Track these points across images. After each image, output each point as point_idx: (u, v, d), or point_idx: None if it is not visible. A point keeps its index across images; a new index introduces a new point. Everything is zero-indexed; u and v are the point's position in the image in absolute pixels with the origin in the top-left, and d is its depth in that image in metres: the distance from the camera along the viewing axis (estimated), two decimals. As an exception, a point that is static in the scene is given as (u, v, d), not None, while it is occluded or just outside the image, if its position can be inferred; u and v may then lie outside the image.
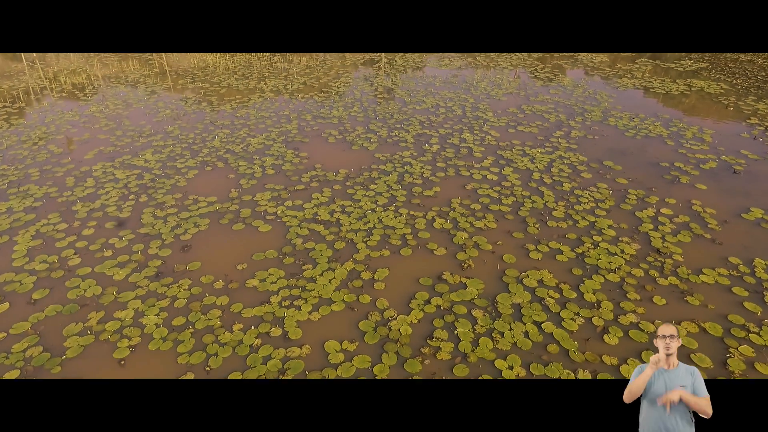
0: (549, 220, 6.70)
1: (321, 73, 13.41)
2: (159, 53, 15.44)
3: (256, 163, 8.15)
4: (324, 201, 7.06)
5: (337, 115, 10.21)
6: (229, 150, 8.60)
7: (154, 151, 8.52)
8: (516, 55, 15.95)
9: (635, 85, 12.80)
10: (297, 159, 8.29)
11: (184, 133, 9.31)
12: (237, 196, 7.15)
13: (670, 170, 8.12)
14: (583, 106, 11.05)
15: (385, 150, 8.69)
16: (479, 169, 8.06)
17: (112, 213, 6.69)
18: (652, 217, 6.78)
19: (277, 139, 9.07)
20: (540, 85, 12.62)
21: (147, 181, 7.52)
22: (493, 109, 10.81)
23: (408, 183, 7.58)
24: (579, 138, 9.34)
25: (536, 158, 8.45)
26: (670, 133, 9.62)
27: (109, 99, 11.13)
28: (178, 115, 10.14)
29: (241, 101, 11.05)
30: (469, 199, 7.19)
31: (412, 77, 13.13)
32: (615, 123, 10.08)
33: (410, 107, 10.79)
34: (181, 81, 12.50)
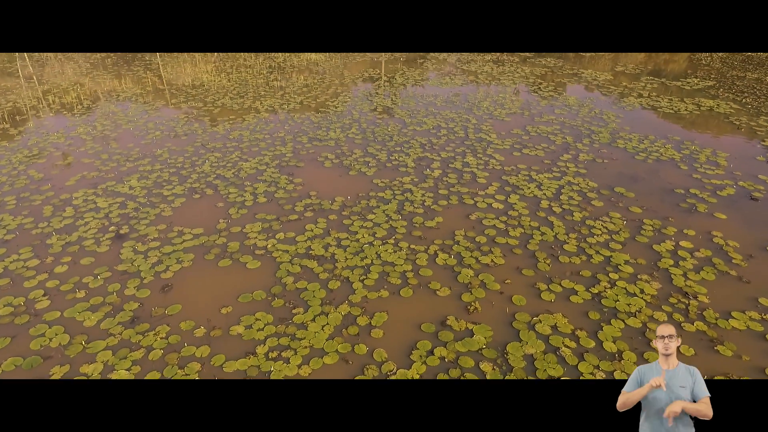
0: (560, 255, 6.21)
1: (319, 92, 13.04)
2: (153, 70, 15.10)
3: (248, 190, 7.69)
4: (318, 233, 6.58)
5: (334, 137, 9.79)
6: (220, 175, 8.15)
7: (140, 176, 8.06)
8: (518, 71, 15.61)
9: (642, 105, 12.41)
10: (291, 185, 7.83)
11: (173, 156, 8.86)
12: (225, 228, 6.68)
13: (685, 197, 7.66)
14: (590, 127, 10.64)
15: (385, 175, 8.24)
16: (484, 196, 7.60)
17: (89, 247, 6.20)
18: (671, 251, 6.30)
19: (271, 163, 8.63)
20: (544, 104, 12.24)
21: (130, 211, 7.05)
22: (497, 130, 10.40)
23: (408, 212, 7.11)
24: (587, 162, 8.90)
25: (544, 184, 8.00)
26: (683, 156, 9.19)
27: (98, 119, 10.72)
28: (168, 137, 9.71)
29: (235, 122, 10.64)
30: (474, 230, 6.71)
31: (412, 96, 12.75)
32: (624, 145, 9.66)
33: (410, 128, 10.38)
34: (174, 100, 12.12)
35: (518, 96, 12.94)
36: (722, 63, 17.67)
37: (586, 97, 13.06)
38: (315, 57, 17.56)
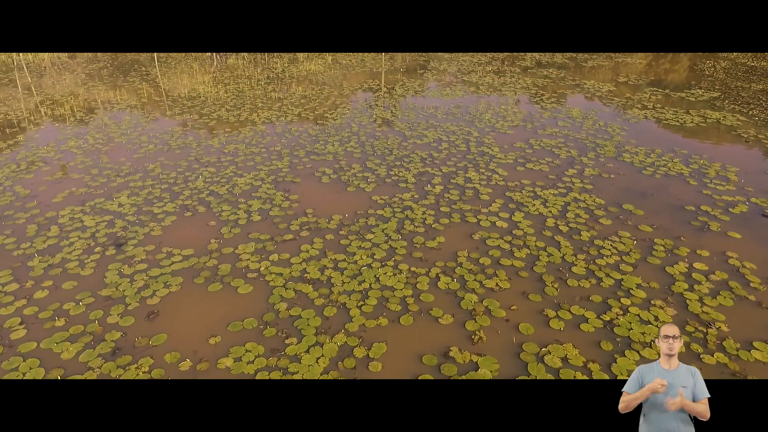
0: (569, 278, 5.90)
1: (317, 104, 12.79)
2: (149, 81, 14.89)
3: (242, 207, 7.39)
4: (314, 254, 6.27)
5: (332, 151, 9.51)
6: (213, 192, 7.86)
7: (130, 193, 7.77)
8: (519, 82, 15.40)
9: (647, 116, 12.17)
10: (287, 203, 7.54)
11: (166, 171, 8.58)
12: (216, 249, 6.37)
13: (696, 215, 7.37)
14: (594, 140, 10.37)
15: (384, 191, 7.95)
16: (487, 214, 7.30)
17: (72, 270, 5.89)
18: (685, 274, 5.99)
19: (266, 178, 8.34)
20: (547, 116, 11.99)
21: (118, 230, 6.75)
22: (499, 143, 10.13)
23: (409, 232, 6.81)
24: (593, 177, 8.61)
25: (549, 201, 7.71)
26: (692, 171, 8.91)
27: (91, 132, 10.46)
28: (161, 151, 9.44)
29: (231, 135, 10.38)
30: (478, 251, 6.41)
31: (412, 108, 12.51)
32: (630, 159, 9.38)
33: (411, 141, 10.11)
34: (169, 112, 11.87)
35: (519, 106, 12.70)
36: (726, 74, 17.48)
37: (589, 108, 12.82)
38: (314, 67, 17.37)
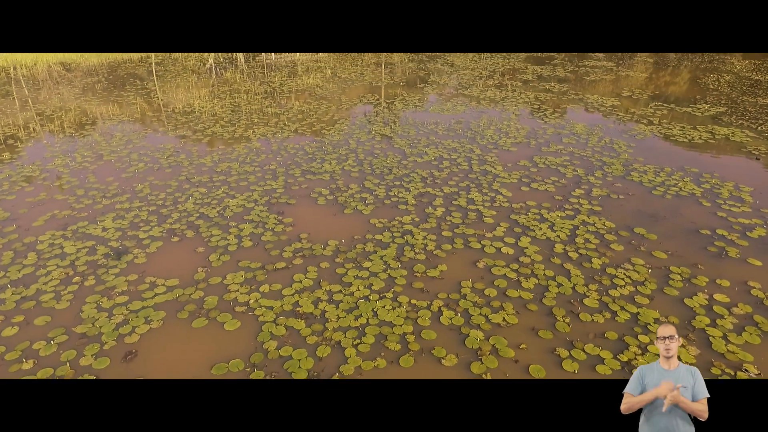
0: (581, 312, 5.49)
1: (314, 119, 12.47)
2: (143, 96, 14.59)
3: (232, 231, 7.00)
4: (308, 285, 5.86)
5: (329, 170, 9.15)
6: (203, 215, 7.47)
7: (116, 216, 7.39)
8: (521, 97, 15.10)
9: (654, 133, 11.83)
10: (280, 227, 7.15)
11: (155, 192, 8.20)
12: (203, 279, 5.97)
13: (713, 239, 6.97)
14: (601, 158, 10.02)
15: (383, 214, 7.57)
16: (492, 239, 6.91)
17: (47, 303, 5.48)
18: (705, 307, 5.58)
19: (260, 200, 7.96)
20: (551, 132, 11.65)
21: (99, 257, 6.35)
22: (503, 161, 9.77)
23: (409, 259, 6.41)
24: (602, 198, 8.24)
25: (556, 224, 7.32)
26: (704, 191, 8.54)
27: (80, 149, 10.10)
28: (151, 170, 9.08)
29: (224, 152, 10.03)
30: (483, 281, 6.00)
31: (412, 124, 12.18)
32: (639, 179, 9.01)
33: (411, 159, 9.75)
34: (162, 128, 11.54)
35: (520, 121, 12.37)
36: (730, 88, 17.21)
37: (593, 124, 12.50)
38: (312, 81, 17.10)
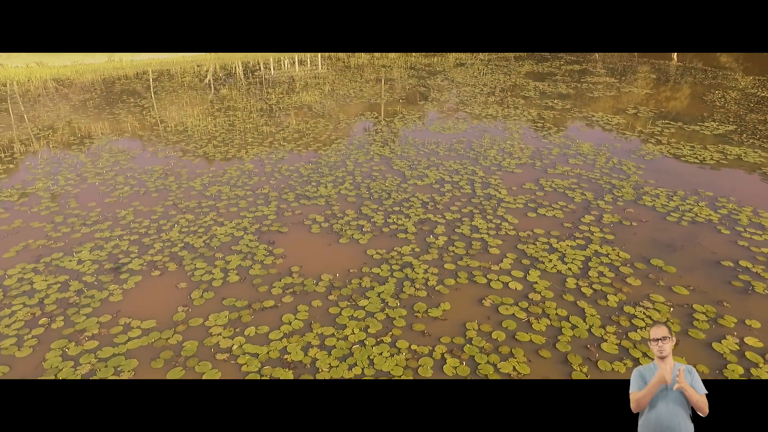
0: (599, 359, 4.96)
1: (311, 138, 12.05)
2: (135, 114, 14.20)
3: (218, 264, 6.50)
4: (298, 327, 5.34)
5: (325, 194, 8.67)
6: (188, 245, 6.97)
7: (94, 246, 6.89)
8: (524, 114, 14.72)
9: (662, 152, 11.40)
10: (270, 258, 6.64)
11: (139, 219, 7.71)
12: (183, 320, 5.44)
13: (736, 272, 6.46)
14: (610, 180, 9.55)
15: (381, 244, 7.07)
16: (498, 273, 6.40)
17: (6, 350, 4.94)
18: (737, 353, 5.05)
19: (250, 228, 7.47)
20: (556, 153, 11.21)
21: (71, 295, 5.83)
22: (507, 184, 9.31)
23: (409, 296, 5.89)
24: (614, 225, 7.75)
25: (567, 255, 6.82)
26: (721, 217, 8.05)
27: (63, 171, 9.65)
28: (137, 194, 8.60)
29: (215, 174, 9.56)
30: (489, 322, 5.48)
31: (412, 143, 11.75)
32: (652, 203, 8.53)
33: (410, 182, 9.29)
34: (152, 149, 11.10)
35: (522, 139, 11.94)
36: (737, 105, 16.85)
37: (600, 143, 12.07)
38: (309, 98, 16.75)
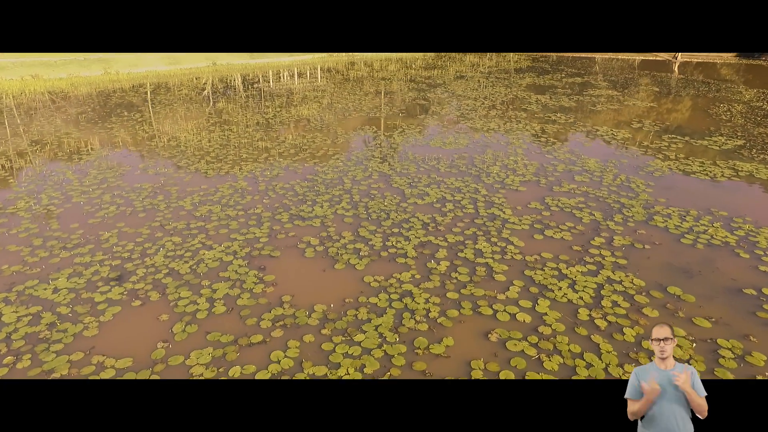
0: (619, 404, 4.49)
1: (308, 154, 11.67)
2: (128, 128, 13.85)
3: (204, 293, 6.05)
4: (287, 367, 4.87)
5: (321, 215, 8.25)
6: (173, 271, 6.53)
7: (72, 272, 6.45)
8: (527, 128, 14.37)
9: (671, 169, 11.01)
10: (260, 286, 6.20)
11: (123, 241, 7.29)
12: (163, 357, 4.98)
13: (760, 302, 6.02)
14: (618, 199, 9.14)
15: (379, 270, 6.63)
16: (504, 302, 5.95)
17: (-35, 395, 4.48)
18: (769, 397, 4.58)
19: (240, 251, 7.04)
20: (562, 169, 10.82)
21: (43, 328, 5.38)
22: (511, 203, 8.90)
23: (409, 330, 5.43)
24: (626, 248, 7.31)
25: (578, 283, 6.37)
26: (738, 239, 7.62)
27: (47, 189, 9.24)
28: (123, 214, 8.18)
29: (206, 193, 9.15)
30: (497, 360, 5.01)
31: (412, 159, 11.36)
32: (664, 224, 8.11)
33: (411, 201, 8.87)
34: (142, 165, 10.71)
35: (526, 155, 11.55)
36: (744, 118, 16.52)
37: (606, 159, 11.69)
38: (307, 112, 16.43)
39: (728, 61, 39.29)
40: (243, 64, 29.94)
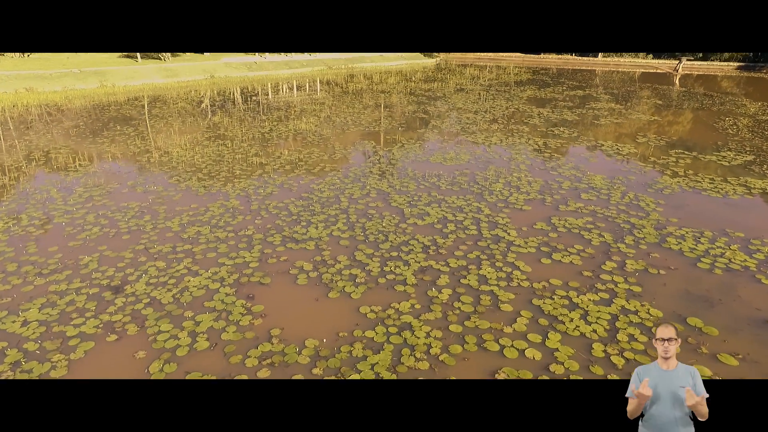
0: (643, 458, 4.01)
1: (303, 171, 11.27)
2: (119, 143, 13.47)
3: (186, 326, 5.58)
4: (273, 414, 4.40)
5: (315, 236, 7.81)
6: (154, 300, 6.07)
7: (45, 302, 5.98)
8: (530, 143, 14.00)
9: (681, 186, 10.60)
10: (247, 318, 5.73)
11: (103, 266, 6.83)
12: (135, 403, 4.51)
13: (789, 335, 5.55)
14: (628, 219, 8.71)
15: (376, 298, 6.17)
16: (512, 336, 5.48)
17: None
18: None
19: (227, 278, 6.58)
20: (567, 186, 10.41)
21: (5, 368, 4.89)
22: (516, 223, 8.46)
23: (408, 369, 4.95)
24: (639, 274, 6.86)
25: (590, 313, 5.91)
26: (758, 262, 7.17)
27: (30, 208, 8.81)
28: (106, 236, 7.74)
29: (196, 212, 8.72)
30: (505, 405, 4.54)
31: (412, 176, 10.95)
32: (678, 246, 7.67)
33: (410, 222, 8.44)
34: (131, 182, 10.29)
35: (530, 171, 11.15)
36: (751, 132, 16.17)
37: (613, 175, 11.29)
38: (305, 126, 16.07)
39: (729, 74, 39.21)
40: (241, 76, 29.72)
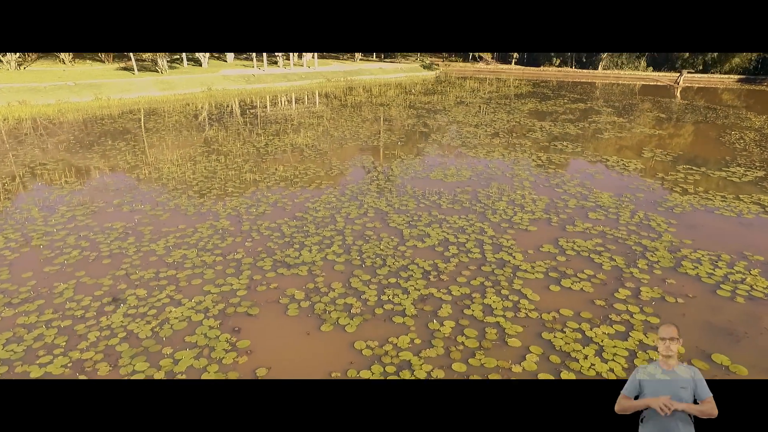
0: None
1: (299, 188, 10.83)
2: (109, 158, 13.05)
3: (163, 365, 5.08)
4: (254, 474, 3.90)
5: (308, 261, 7.33)
6: (131, 333, 5.57)
7: (11, 336, 5.48)
8: (533, 158, 13.59)
9: (692, 204, 10.16)
10: (231, 355, 5.23)
11: (79, 295, 6.34)
12: (100, 460, 4.01)
13: (823, 373, 5.06)
14: (639, 240, 8.25)
15: (372, 332, 5.68)
16: (521, 377, 4.98)
17: None
18: None
19: (212, 308, 6.09)
20: (574, 205, 9.96)
21: (-41, 417, 4.40)
22: (522, 245, 7.99)
23: (407, 418, 4.46)
24: (656, 303, 6.38)
25: (606, 349, 5.42)
26: (782, 290, 6.70)
27: (8, 229, 8.33)
28: (86, 261, 7.26)
29: (183, 234, 8.25)
30: (517, 462, 4.04)
31: (411, 194, 10.51)
32: (695, 271, 7.20)
33: (409, 244, 7.97)
34: (117, 201, 9.83)
35: (534, 189, 10.71)
36: (760, 148, 15.79)
37: (620, 193, 10.85)
38: (301, 140, 15.68)
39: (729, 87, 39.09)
40: (239, 89, 29.46)
